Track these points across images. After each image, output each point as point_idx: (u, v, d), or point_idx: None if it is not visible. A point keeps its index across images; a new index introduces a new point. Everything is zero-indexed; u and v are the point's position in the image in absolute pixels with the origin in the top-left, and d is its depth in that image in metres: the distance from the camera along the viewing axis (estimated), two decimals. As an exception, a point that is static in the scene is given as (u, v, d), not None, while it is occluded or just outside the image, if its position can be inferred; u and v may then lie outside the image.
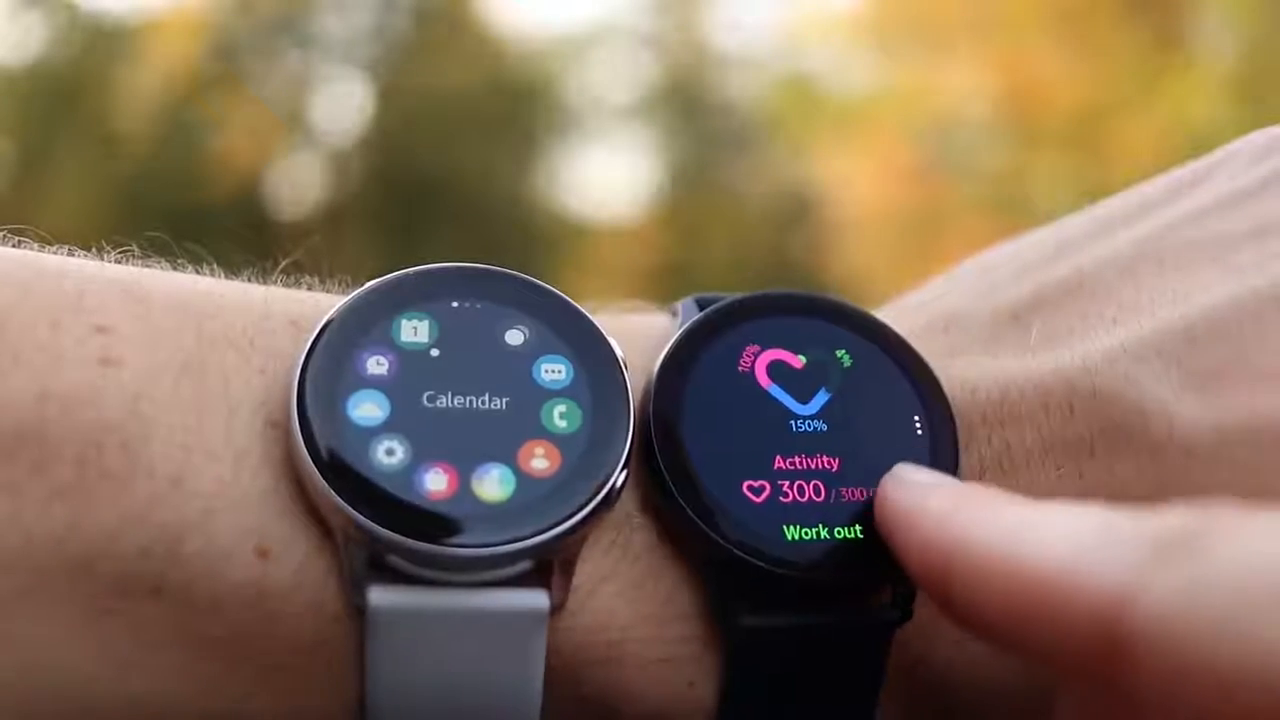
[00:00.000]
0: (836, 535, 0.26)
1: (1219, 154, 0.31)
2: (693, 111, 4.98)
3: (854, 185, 4.13)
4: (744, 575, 0.25)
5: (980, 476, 0.27)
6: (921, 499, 0.24)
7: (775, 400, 0.27)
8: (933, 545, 0.23)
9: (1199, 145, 0.36)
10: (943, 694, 0.27)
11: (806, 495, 0.26)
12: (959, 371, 0.28)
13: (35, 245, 0.27)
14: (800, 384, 0.27)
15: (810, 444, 0.27)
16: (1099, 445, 0.26)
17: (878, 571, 0.26)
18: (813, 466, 0.26)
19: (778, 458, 0.26)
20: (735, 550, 0.25)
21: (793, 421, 0.27)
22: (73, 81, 4.44)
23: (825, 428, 0.27)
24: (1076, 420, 0.26)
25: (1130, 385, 0.26)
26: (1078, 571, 0.19)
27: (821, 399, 0.27)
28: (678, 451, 0.26)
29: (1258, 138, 0.31)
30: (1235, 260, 0.27)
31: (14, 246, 0.26)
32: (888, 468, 0.26)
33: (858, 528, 0.26)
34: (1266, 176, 0.29)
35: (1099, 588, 0.19)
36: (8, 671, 0.23)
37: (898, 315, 0.31)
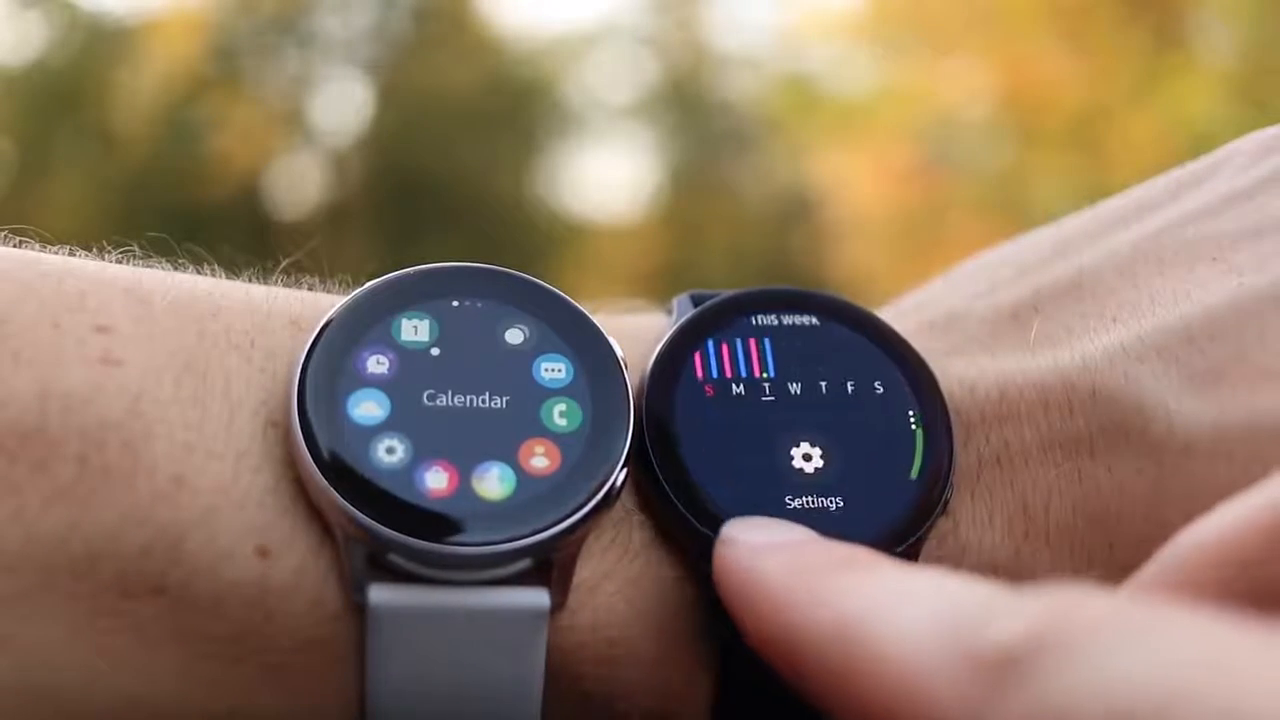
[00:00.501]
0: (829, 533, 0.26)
1: (1219, 154, 0.31)
2: (693, 111, 4.99)
3: (854, 185, 4.14)
4: None
5: (978, 474, 0.27)
6: (754, 562, 0.23)
7: (769, 396, 0.27)
8: (769, 624, 0.21)
9: (1199, 145, 0.36)
10: None
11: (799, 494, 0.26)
12: (958, 370, 0.28)
13: (36, 245, 0.27)
14: (794, 379, 0.27)
15: (804, 441, 0.27)
16: (1098, 444, 0.26)
17: None
18: (806, 464, 0.26)
19: (771, 455, 0.26)
20: None
21: (787, 419, 0.27)
22: (72, 81, 4.45)
23: (820, 425, 0.27)
24: (1076, 419, 0.26)
25: (1130, 384, 0.26)
26: (917, 689, 0.18)
27: (816, 395, 0.27)
28: (671, 450, 0.26)
29: (1258, 137, 0.31)
30: (1235, 259, 0.27)
31: (15, 246, 0.26)
32: (882, 465, 0.26)
33: None
34: (1266, 176, 0.29)
35: (941, 710, 0.18)
36: (8, 671, 0.23)
37: (897, 315, 0.31)
